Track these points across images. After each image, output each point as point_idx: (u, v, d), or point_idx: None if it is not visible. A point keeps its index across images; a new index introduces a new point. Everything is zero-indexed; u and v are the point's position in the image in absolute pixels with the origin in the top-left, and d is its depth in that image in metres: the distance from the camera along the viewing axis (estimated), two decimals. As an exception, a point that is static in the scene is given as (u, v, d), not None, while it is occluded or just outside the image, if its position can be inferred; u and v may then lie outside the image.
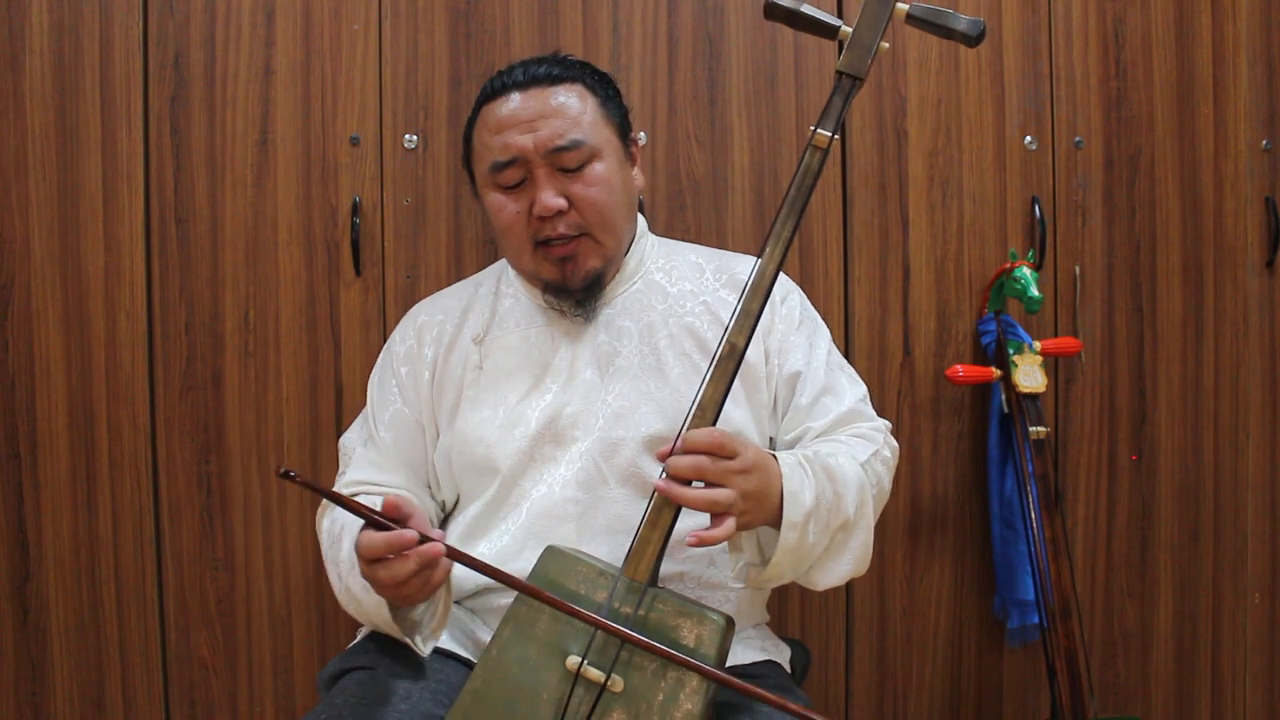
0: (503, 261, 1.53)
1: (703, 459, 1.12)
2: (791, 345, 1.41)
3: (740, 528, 1.16)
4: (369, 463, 1.41)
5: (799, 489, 1.18)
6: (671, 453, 1.14)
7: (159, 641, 1.75)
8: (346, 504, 1.11)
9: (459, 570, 1.32)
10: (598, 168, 1.34)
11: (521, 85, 1.35)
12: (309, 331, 1.75)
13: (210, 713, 1.76)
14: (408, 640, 1.24)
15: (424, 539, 1.10)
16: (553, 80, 1.36)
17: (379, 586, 1.14)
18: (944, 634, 1.87)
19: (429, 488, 1.44)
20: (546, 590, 1.14)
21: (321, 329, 1.75)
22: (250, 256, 1.74)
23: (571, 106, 1.34)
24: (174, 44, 1.72)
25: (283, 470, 1.07)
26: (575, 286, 1.36)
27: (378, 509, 1.13)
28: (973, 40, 1.22)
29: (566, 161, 1.32)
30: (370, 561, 1.12)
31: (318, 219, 1.75)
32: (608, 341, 1.39)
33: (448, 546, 1.12)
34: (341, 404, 1.75)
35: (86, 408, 1.72)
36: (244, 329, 1.74)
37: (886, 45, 1.21)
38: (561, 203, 1.32)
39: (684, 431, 1.15)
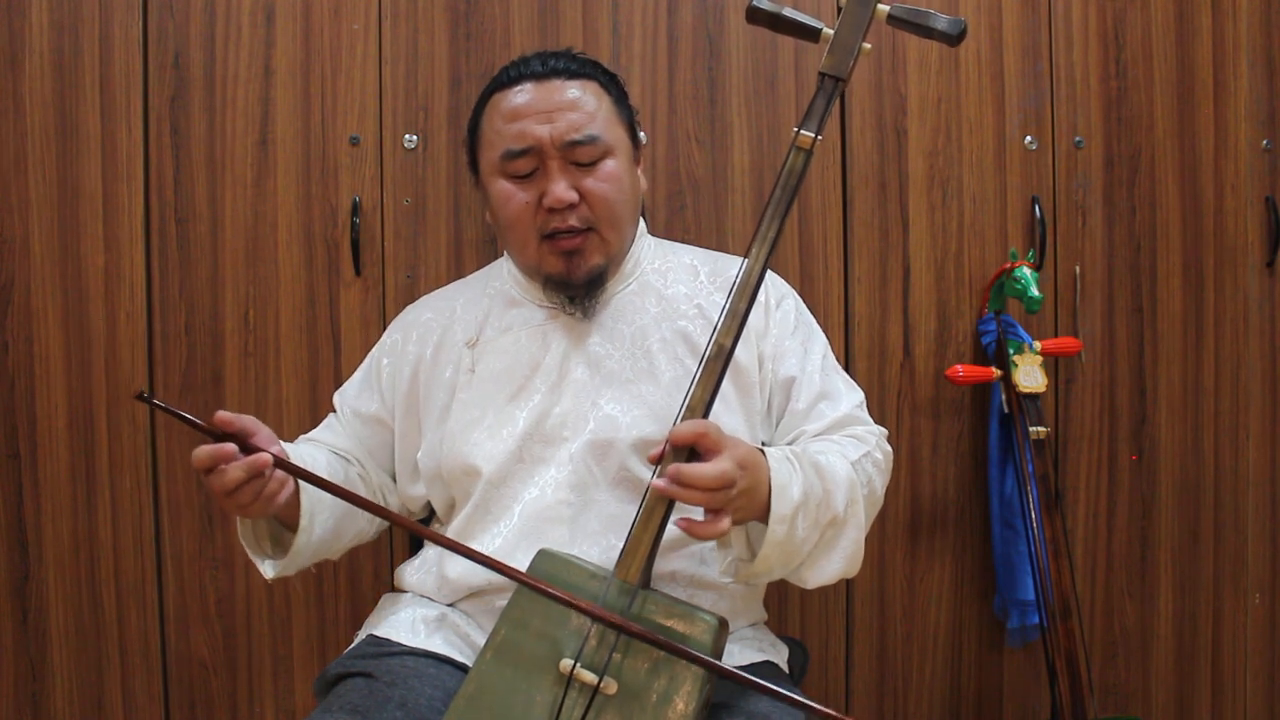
0: (497, 262, 1.53)
1: (724, 464, 1.10)
2: (786, 350, 1.41)
3: (732, 523, 1.16)
4: (328, 427, 1.50)
5: (787, 483, 1.17)
6: (661, 456, 1.13)
7: (159, 641, 1.75)
8: (189, 422, 1.15)
9: (462, 569, 1.34)
10: (610, 164, 1.35)
11: (539, 76, 1.36)
12: (309, 331, 1.75)
13: (210, 713, 1.76)
14: (257, 562, 1.31)
15: (251, 450, 1.16)
16: (570, 74, 1.37)
17: (217, 498, 1.18)
18: (944, 634, 1.87)
19: (390, 473, 1.49)
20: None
21: (321, 329, 1.75)
22: (250, 256, 1.74)
23: (588, 102, 1.36)
24: (174, 44, 1.72)
25: (140, 393, 1.15)
26: (578, 282, 1.36)
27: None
28: (954, 40, 1.22)
29: (581, 156, 1.34)
30: (205, 474, 1.16)
31: (318, 219, 1.75)
32: (600, 343, 1.39)
33: (277, 459, 1.17)
34: (341, 404, 1.75)
35: (86, 408, 1.72)
36: (244, 329, 1.74)
37: (869, 46, 1.21)
38: (573, 196, 1.33)
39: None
